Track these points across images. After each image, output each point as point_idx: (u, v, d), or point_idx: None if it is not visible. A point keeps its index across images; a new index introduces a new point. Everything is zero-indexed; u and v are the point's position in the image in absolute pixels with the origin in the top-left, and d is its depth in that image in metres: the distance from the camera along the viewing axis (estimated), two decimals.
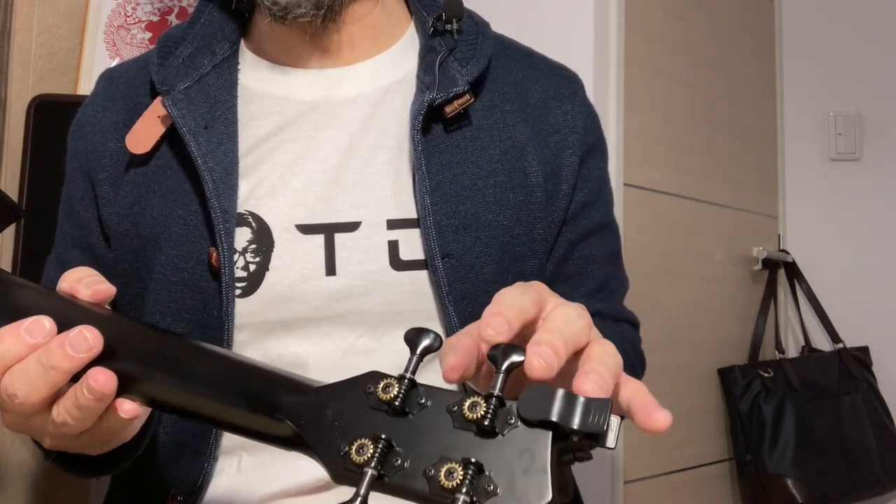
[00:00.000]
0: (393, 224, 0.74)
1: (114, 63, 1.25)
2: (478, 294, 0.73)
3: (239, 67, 0.81)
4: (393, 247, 0.73)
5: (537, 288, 0.48)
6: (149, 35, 1.30)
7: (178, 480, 0.73)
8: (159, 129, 0.76)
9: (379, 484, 0.40)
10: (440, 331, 0.73)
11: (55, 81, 1.28)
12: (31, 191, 1.18)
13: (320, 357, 0.72)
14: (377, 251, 0.73)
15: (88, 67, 1.26)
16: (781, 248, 1.94)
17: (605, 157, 0.86)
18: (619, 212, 1.37)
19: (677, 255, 1.58)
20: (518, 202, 0.77)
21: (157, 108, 0.77)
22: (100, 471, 0.69)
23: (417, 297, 0.73)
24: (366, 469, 0.40)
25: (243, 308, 0.72)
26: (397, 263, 0.73)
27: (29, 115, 1.20)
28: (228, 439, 0.74)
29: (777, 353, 1.82)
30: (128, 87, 0.82)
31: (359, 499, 0.39)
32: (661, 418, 0.43)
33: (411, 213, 0.74)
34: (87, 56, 1.27)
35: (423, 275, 0.73)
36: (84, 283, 0.53)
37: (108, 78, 0.85)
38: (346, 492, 0.72)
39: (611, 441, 0.39)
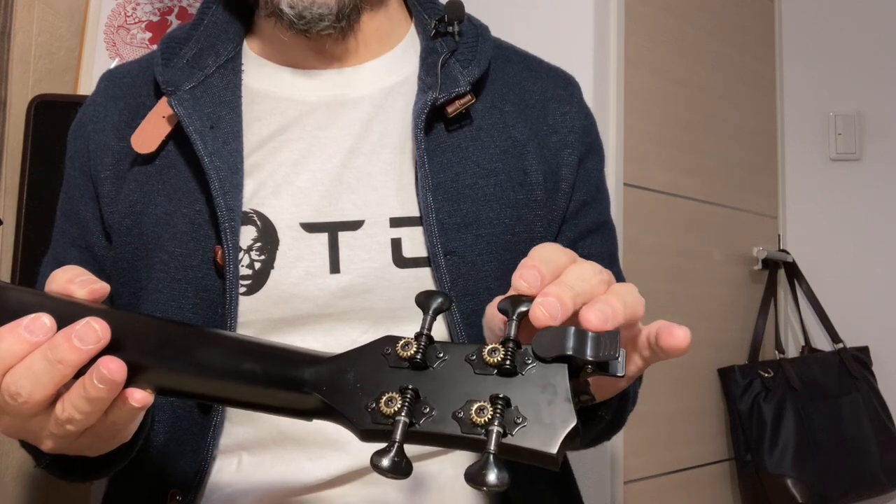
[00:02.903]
0: (396, 222, 0.74)
1: (114, 63, 1.25)
2: (480, 291, 0.74)
3: (243, 68, 0.81)
4: (396, 244, 0.74)
5: (573, 253, 0.50)
6: (149, 35, 1.30)
7: (177, 479, 0.73)
8: (165, 129, 0.77)
9: (410, 432, 0.42)
10: (443, 327, 0.74)
11: (55, 81, 1.28)
12: (31, 190, 1.18)
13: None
14: (380, 249, 0.73)
15: (88, 67, 1.27)
16: (781, 248, 1.94)
17: (601, 159, 0.87)
18: (619, 212, 1.38)
19: (677, 255, 1.58)
20: (518, 201, 0.77)
21: (162, 108, 0.77)
22: (94, 474, 0.68)
23: None
24: (398, 418, 0.42)
25: (247, 306, 0.72)
26: (400, 261, 0.73)
27: (29, 115, 1.20)
28: (227, 438, 0.74)
29: (777, 353, 1.82)
30: (130, 87, 0.83)
31: (395, 445, 0.41)
32: (680, 333, 0.48)
33: (414, 211, 0.74)
34: (87, 56, 1.28)
35: (425, 272, 0.74)
36: (77, 283, 0.53)
37: (109, 78, 0.85)
38: (347, 492, 0.72)
39: (620, 369, 0.43)
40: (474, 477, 0.39)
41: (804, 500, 1.60)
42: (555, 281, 0.46)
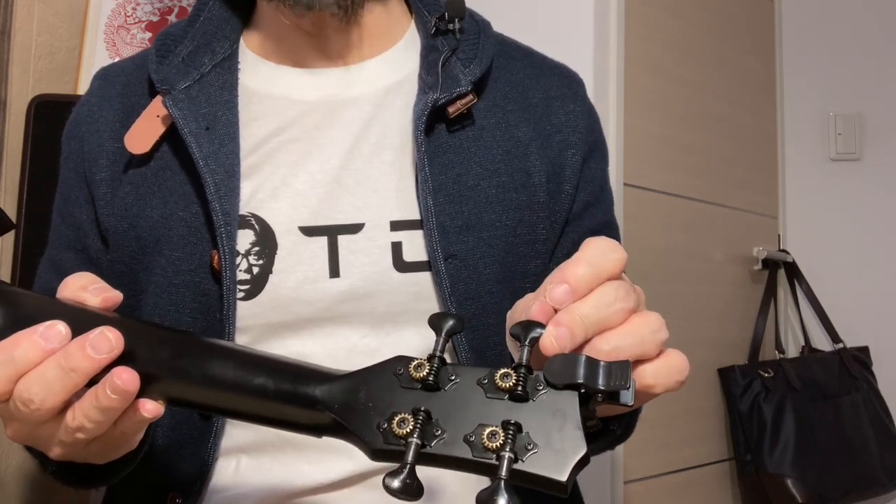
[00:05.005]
0: (396, 225, 0.73)
1: None
2: (481, 294, 0.73)
3: (239, 67, 0.80)
4: (396, 248, 0.73)
5: (621, 254, 0.48)
6: (149, 35, 1.30)
7: (177, 482, 0.73)
8: (159, 129, 0.76)
9: (422, 454, 0.42)
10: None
11: (55, 81, 1.28)
12: (31, 191, 1.18)
13: (323, 356, 0.72)
14: (381, 253, 0.72)
15: (88, 67, 1.26)
16: (781, 248, 1.94)
17: (605, 158, 0.86)
18: (619, 212, 1.37)
19: (677, 255, 1.58)
20: (521, 202, 0.76)
21: (156, 108, 0.76)
22: (99, 481, 0.68)
23: (421, 298, 0.73)
24: (410, 439, 0.42)
25: (246, 311, 0.71)
26: (401, 265, 0.73)
27: (29, 115, 1.20)
28: (228, 441, 0.73)
29: (777, 353, 1.82)
30: (124, 86, 0.81)
31: (407, 467, 0.41)
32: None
33: (414, 214, 0.74)
34: (87, 56, 1.27)
35: (426, 276, 0.73)
36: (90, 291, 0.53)
37: (103, 77, 0.84)
38: (350, 496, 0.72)
39: (630, 399, 0.43)
40: (486, 501, 0.40)
41: (804, 500, 1.60)
42: (570, 308, 0.45)
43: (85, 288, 0.53)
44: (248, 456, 0.73)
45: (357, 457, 0.70)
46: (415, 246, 0.73)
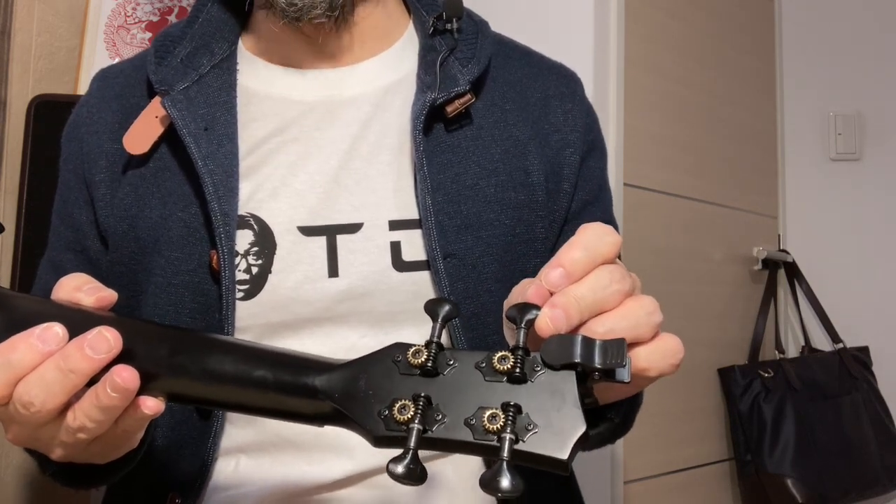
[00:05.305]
0: (395, 225, 0.73)
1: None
2: (480, 293, 0.73)
3: (238, 68, 0.80)
4: (395, 248, 0.73)
5: (615, 239, 0.49)
6: (149, 35, 1.30)
7: (177, 482, 0.73)
8: (157, 130, 0.76)
9: (424, 439, 0.43)
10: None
11: (55, 81, 1.28)
12: (31, 191, 1.18)
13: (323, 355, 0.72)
14: (379, 252, 0.73)
15: (88, 67, 1.26)
16: (781, 248, 1.94)
17: (604, 157, 0.86)
18: (619, 212, 1.38)
19: (677, 255, 1.58)
20: (519, 201, 0.76)
21: (154, 108, 0.76)
22: (100, 480, 0.69)
23: (420, 298, 0.72)
24: (412, 425, 0.43)
25: (245, 311, 0.71)
26: (399, 264, 0.73)
27: (29, 115, 1.20)
28: (227, 440, 0.73)
29: (777, 353, 1.82)
30: (123, 88, 0.82)
31: (410, 452, 0.42)
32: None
33: (413, 213, 0.74)
34: (87, 56, 1.28)
35: (425, 275, 0.73)
36: (85, 291, 0.53)
37: (102, 78, 0.84)
38: (350, 496, 0.72)
39: (626, 376, 0.44)
40: (488, 483, 0.40)
41: (804, 500, 1.60)
42: (566, 290, 0.46)
43: (79, 288, 0.54)
44: (248, 456, 0.73)
45: (357, 456, 0.71)
46: (413, 245, 0.73)
